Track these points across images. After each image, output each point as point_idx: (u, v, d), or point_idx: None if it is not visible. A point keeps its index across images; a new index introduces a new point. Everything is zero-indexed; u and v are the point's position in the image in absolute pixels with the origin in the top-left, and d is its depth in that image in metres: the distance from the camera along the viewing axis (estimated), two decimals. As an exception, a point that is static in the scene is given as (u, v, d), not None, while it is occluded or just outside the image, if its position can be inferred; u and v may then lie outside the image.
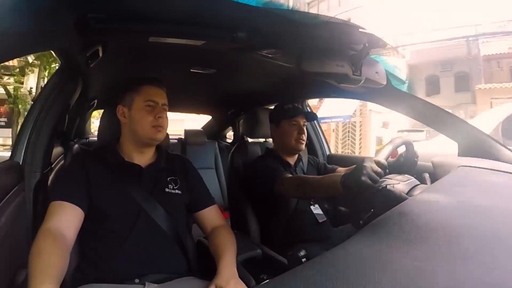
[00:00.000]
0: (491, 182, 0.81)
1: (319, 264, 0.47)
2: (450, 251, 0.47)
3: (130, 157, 0.94)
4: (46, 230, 0.75)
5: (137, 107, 0.92)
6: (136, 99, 0.93)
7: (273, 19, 0.71)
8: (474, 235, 0.51)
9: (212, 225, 0.98)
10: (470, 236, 0.51)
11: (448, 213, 0.60)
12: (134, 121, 0.92)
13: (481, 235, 0.51)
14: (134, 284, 0.82)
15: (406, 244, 0.50)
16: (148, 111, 0.92)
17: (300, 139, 1.36)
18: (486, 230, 0.53)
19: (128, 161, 0.93)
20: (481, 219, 0.58)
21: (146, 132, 0.92)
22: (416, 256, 0.46)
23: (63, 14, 0.63)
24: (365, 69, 0.90)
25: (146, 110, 0.92)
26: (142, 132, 0.92)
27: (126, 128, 0.95)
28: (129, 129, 0.94)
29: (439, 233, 0.51)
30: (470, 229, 0.53)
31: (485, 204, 0.65)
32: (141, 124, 0.92)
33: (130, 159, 0.94)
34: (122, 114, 0.95)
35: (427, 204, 0.67)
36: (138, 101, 0.92)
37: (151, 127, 0.92)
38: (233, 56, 1.10)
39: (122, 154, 0.94)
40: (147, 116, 0.92)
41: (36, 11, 0.53)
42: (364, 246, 0.52)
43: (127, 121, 0.94)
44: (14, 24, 0.47)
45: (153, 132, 0.92)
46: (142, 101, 0.92)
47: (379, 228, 0.57)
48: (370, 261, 0.46)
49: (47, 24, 0.58)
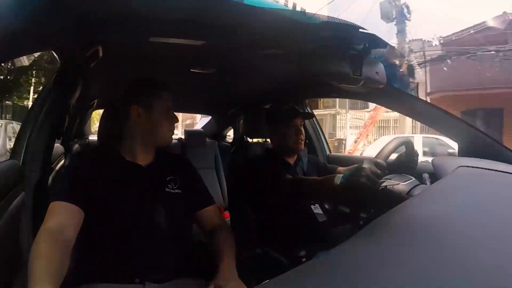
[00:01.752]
0: (491, 182, 0.81)
1: (319, 264, 0.47)
2: (450, 251, 0.47)
3: (132, 157, 0.94)
4: (46, 230, 0.75)
5: (158, 111, 0.94)
6: (157, 102, 0.94)
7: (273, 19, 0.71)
8: (474, 235, 0.51)
9: (212, 225, 0.98)
10: (470, 236, 0.51)
11: (448, 213, 0.60)
12: (153, 124, 0.93)
13: (481, 235, 0.51)
14: (134, 284, 0.82)
15: (406, 244, 0.50)
16: (167, 116, 0.96)
17: (299, 140, 1.35)
18: (486, 230, 0.53)
19: (129, 161, 0.93)
20: (481, 219, 0.58)
21: (163, 135, 0.95)
22: (416, 256, 0.46)
23: (63, 14, 0.63)
24: (365, 69, 0.90)
25: (166, 115, 0.95)
26: (160, 135, 0.94)
27: (139, 129, 0.94)
28: (144, 130, 0.94)
29: (439, 234, 0.51)
30: (470, 229, 0.53)
31: (485, 204, 0.65)
32: (162, 128, 0.94)
33: (131, 159, 0.94)
34: (137, 114, 0.94)
35: (427, 204, 0.67)
36: (159, 105, 0.94)
37: (168, 131, 0.96)
38: (233, 56, 1.10)
39: (123, 154, 0.94)
40: (167, 120, 0.95)
41: (36, 11, 0.53)
42: (364, 246, 0.52)
43: (143, 122, 0.94)
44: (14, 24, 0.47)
45: (169, 136, 0.96)
46: (163, 106, 0.95)
47: (379, 228, 0.57)
48: (370, 261, 0.46)
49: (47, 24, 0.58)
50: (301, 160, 1.46)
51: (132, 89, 0.97)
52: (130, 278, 0.82)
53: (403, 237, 0.52)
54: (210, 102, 2.37)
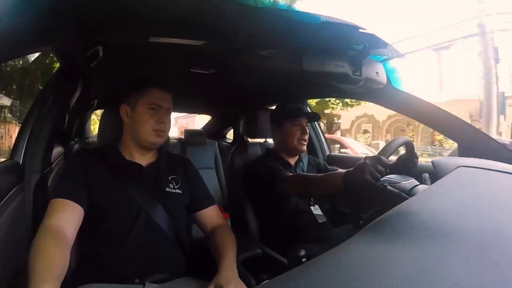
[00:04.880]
0: (491, 182, 0.81)
1: (319, 264, 0.47)
2: (450, 251, 0.47)
3: (131, 157, 0.94)
4: (47, 228, 0.75)
5: (140, 109, 0.91)
6: (140, 100, 0.91)
7: (273, 19, 0.71)
8: (474, 235, 0.51)
9: (212, 225, 0.98)
10: (470, 237, 0.51)
11: (448, 213, 0.60)
12: (136, 123, 0.92)
13: (481, 235, 0.51)
14: (134, 284, 0.82)
15: (406, 244, 0.50)
16: (151, 115, 0.91)
17: (302, 139, 1.36)
18: (486, 230, 0.53)
19: (129, 160, 0.93)
20: (481, 219, 0.58)
21: (146, 136, 0.91)
22: (416, 256, 0.46)
23: (63, 15, 0.63)
24: (365, 69, 0.90)
25: (149, 113, 0.91)
26: (142, 135, 0.92)
27: (128, 128, 0.95)
28: (130, 130, 0.94)
29: (439, 234, 0.51)
30: (470, 229, 0.53)
31: (485, 204, 0.65)
32: (142, 127, 0.91)
33: (131, 158, 0.94)
34: (125, 113, 0.94)
35: (427, 204, 0.67)
36: (142, 103, 0.91)
37: (152, 131, 0.91)
38: (233, 56, 1.10)
39: (123, 153, 0.94)
40: (149, 120, 0.91)
41: (36, 11, 0.53)
42: (364, 246, 0.52)
43: (129, 121, 0.94)
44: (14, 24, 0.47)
45: (153, 136, 0.92)
46: (146, 104, 0.91)
47: (379, 228, 0.57)
48: (370, 261, 0.46)
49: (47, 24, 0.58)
50: (302, 161, 1.46)
51: (126, 87, 0.96)
52: (130, 278, 0.82)
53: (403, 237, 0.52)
54: (210, 102, 2.37)
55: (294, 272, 0.45)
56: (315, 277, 0.43)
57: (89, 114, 2.64)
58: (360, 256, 0.49)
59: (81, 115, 2.19)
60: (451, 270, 0.42)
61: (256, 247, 1.18)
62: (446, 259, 0.45)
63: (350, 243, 0.53)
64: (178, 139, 2.60)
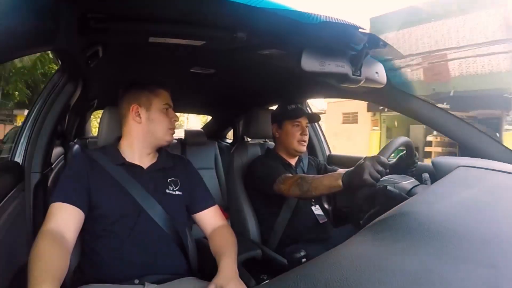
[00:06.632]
0: (491, 182, 0.81)
1: (319, 264, 0.47)
2: (450, 251, 0.47)
3: (133, 158, 0.94)
4: (47, 232, 0.75)
5: (156, 109, 0.94)
6: (155, 101, 0.95)
7: (273, 19, 0.71)
8: (474, 235, 0.51)
9: (213, 225, 0.98)
10: (470, 237, 0.51)
11: (448, 213, 0.60)
12: (153, 122, 0.94)
13: (481, 235, 0.51)
14: (134, 284, 0.82)
15: (406, 244, 0.50)
16: (167, 115, 0.96)
17: (302, 140, 1.36)
18: (486, 230, 0.53)
19: (129, 161, 0.93)
20: (482, 219, 0.58)
21: (163, 135, 0.95)
22: (416, 256, 0.46)
23: (63, 14, 0.63)
24: (365, 69, 0.90)
25: (165, 112, 0.96)
26: (159, 134, 0.94)
27: (139, 129, 0.94)
28: (145, 130, 0.94)
29: (439, 234, 0.51)
30: (470, 229, 0.53)
31: (485, 204, 0.65)
32: (160, 126, 0.94)
33: (132, 159, 0.94)
34: (137, 114, 0.94)
35: (427, 204, 0.67)
36: (158, 104, 0.95)
37: (168, 129, 0.96)
38: (233, 56, 1.10)
39: (123, 154, 0.94)
40: (166, 119, 0.95)
41: (36, 11, 0.53)
42: (364, 246, 0.52)
43: (143, 122, 0.94)
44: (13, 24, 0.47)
45: (169, 134, 0.96)
46: (160, 103, 0.95)
47: (379, 228, 0.57)
48: (370, 261, 0.46)
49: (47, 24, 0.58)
50: (302, 161, 1.46)
51: (132, 88, 0.97)
52: (129, 278, 0.82)
53: (403, 237, 0.52)
54: (210, 102, 2.37)
55: (294, 272, 0.45)
56: (315, 277, 0.43)
57: (89, 114, 2.64)
58: (360, 256, 0.49)
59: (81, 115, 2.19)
60: (451, 270, 0.42)
61: (256, 247, 1.18)
62: (446, 259, 0.45)
63: (350, 243, 0.53)
64: (178, 139, 2.60)
